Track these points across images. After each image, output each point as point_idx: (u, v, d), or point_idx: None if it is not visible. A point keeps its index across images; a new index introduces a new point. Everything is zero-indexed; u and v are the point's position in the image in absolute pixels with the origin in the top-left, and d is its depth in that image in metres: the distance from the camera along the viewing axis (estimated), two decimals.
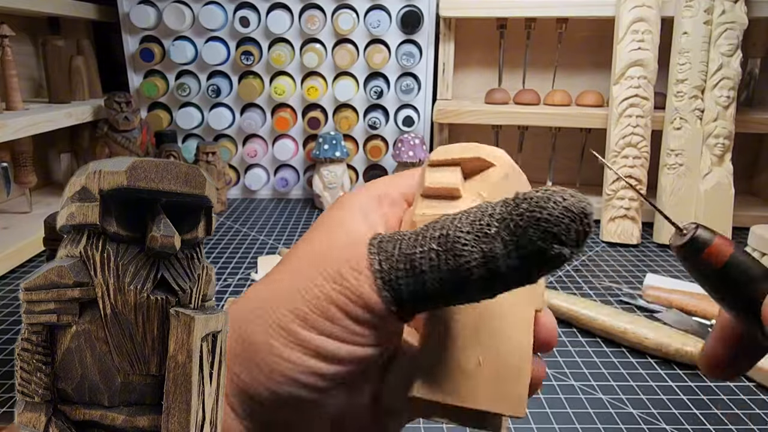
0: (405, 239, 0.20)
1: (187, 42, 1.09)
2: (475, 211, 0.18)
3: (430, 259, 0.18)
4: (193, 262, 0.17)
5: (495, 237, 0.17)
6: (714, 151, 0.89)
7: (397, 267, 0.19)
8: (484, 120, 1.05)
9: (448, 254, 0.18)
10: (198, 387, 0.16)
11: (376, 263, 0.20)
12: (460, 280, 0.18)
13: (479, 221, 0.18)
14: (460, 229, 0.18)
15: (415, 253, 0.19)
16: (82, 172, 0.16)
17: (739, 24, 0.88)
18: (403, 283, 0.19)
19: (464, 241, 0.18)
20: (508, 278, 0.18)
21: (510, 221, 0.17)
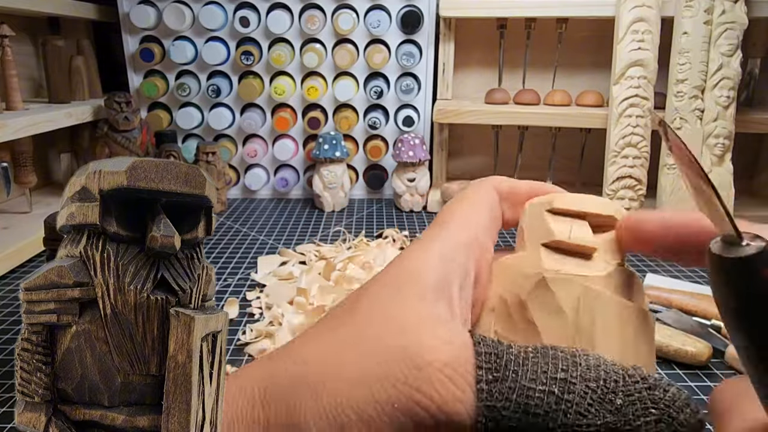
0: (516, 361, 0.17)
1: (187, 42, 1.09)
2: (596, 366, 0.16)
3: (548, 405, 0.16)
4: (193, 262, 0.17)
5: (620, 410, 0.16)
6: (714, 151, 0.89)
7: (507, 397, 0.16)
8: (484, 120, 1.05)
9: (569, 408, 0.16)
10: (198, 387, 0.16)
11: (484, 382, 0.16)
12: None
13: (605, 384, 0.16)
14: (587, 384, 0.16)
15: (534, 389, 0.16)
16: (82, 172, 0.16)
17: (739, 24, 0.88)
18: (507, 416, 0.16)
19: (590, 400, 0.16)
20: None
21: (639, 401, 0.16)
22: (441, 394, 0.16)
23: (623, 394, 0.16)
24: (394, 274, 0.20)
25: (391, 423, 0.16)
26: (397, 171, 1.11)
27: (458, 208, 0.23)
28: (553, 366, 0.16)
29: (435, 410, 0.16)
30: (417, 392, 0.16)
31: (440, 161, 1.15)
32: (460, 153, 1.22)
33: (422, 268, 0.20)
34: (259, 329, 0.61)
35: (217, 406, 0.17)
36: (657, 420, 0.16)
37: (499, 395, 0.16)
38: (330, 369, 0.18)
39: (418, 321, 0.18)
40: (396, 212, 1.09)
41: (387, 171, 1.18)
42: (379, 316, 0.19)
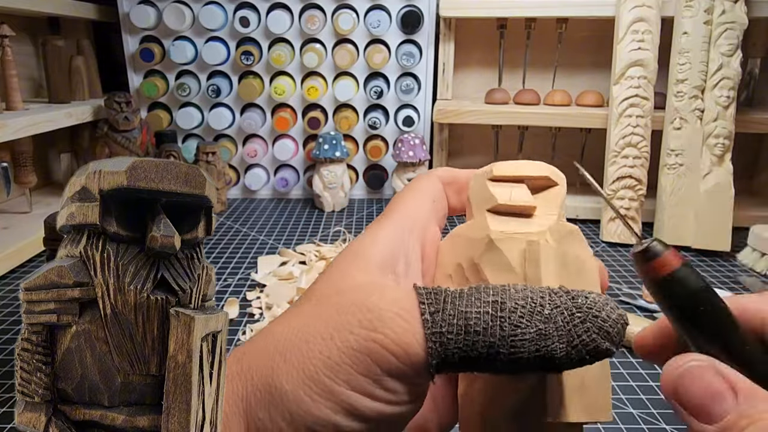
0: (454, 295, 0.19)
1: (187, 42, 1.09)
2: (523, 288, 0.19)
3: (485, 322, 0.18)
4: (193, 262, 0.17)
5: (549, 318, 0.18)
6: (714, 151, 0.89)
7: (449, 322, 0.18)
8: (484, 120, 1.05)
9: (504, 322, 0.18)
10: (198, 387, 0.16)
11: (428, 313, 0.19)
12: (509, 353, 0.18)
13: (532, 299, 0.19)
14: (516, 301, 0.18)
15: (471, 312, 0.18)
16: (82, 172, 0.16)
17: (739, 24, 0.88)
18: (452, 339, 0.18)
19: (520, 313, 0.18)
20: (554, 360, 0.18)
21: (566, 308, 0.18)
22: (393, 329, 0.18)
23: (550, 305, 0.18)
24: (344, 257, 0.22)
25: (355, 365, 0.18)
26: (397, 171, 1.11)
27: (402, 198, 0.25)
28: (485, 293, 0.19)
29: (391, 345, 0.18)
30: (373, 332, 0.18)
31: (440, 161, 1.15)
32: (460, 153, 1.22)
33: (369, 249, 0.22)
34: (259, 329, 0.61)
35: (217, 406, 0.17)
36: (582, 320, 0.18)
37: (442, 322, 0.18)
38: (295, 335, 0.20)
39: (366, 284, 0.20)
40: None
41: (387, 171, 1.18)
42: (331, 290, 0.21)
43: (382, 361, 0.18)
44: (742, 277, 0.78)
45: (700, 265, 0.84)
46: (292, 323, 0.21)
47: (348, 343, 0.19)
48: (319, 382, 0.19)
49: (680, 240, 0.91)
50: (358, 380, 0.19)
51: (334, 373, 0.19)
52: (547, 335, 0.18)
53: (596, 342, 0.18)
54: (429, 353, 0.18)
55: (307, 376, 0.19)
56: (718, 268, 0.83)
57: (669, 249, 0.21)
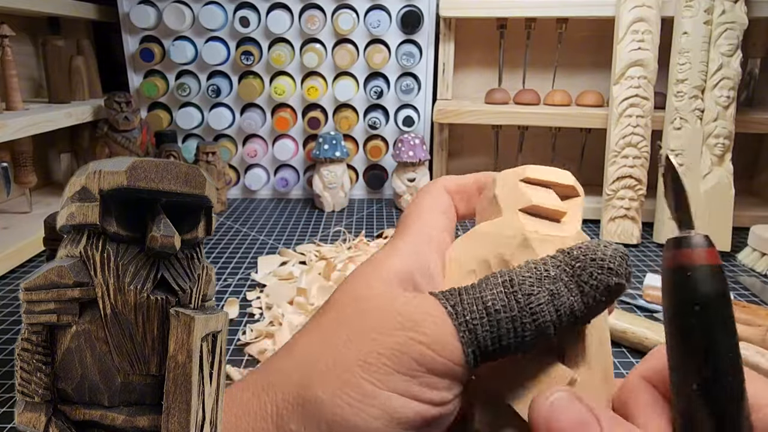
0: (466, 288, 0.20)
1: (187, 42, 1.09)
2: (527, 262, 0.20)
3: (501, 300, 0.19)
4: (193, 262, 0.17)
5: (556, 278, 0.19)
6: (714, 151, 0.89)
7: (470, 309, 0.19)
8: (484, 120, 1.05)
9: (517, 294, 0.19)
10: (198, 387, 0.16)
11: (448, 305, 0.19)
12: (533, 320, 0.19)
13: (536, 268, 0.20)
14: (521, 274, 0.19)
15: (485, 294, 0.19)
16: (82, 172, 0.16)
17: (739, 24, 0.88)
18: (478, 324, 0.19)
19: (529, 282, 0.19)
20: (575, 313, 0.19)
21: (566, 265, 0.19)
22: (429, 327, 0.19)
23: (553, 267, 0.19)
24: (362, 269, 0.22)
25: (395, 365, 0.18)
26: (397, 171, 1.11)
27: (414, 211, 0.25)
28: (493, 278, 0.20)
29: (428, 341, 0.19)
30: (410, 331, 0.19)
31: (440, 161, 1.15)
32: (460, 153, 1.22)
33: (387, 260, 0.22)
34: (259, 329, 0.61)
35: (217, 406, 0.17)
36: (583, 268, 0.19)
37: (464, 311, 0.19)
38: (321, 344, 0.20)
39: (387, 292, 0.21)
40: (396, 212, 1.09)
41: (387, 171, 1.18)
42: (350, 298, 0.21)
43: (422, 359, 0.18)
44: (742, 277, 0.78)
45: None
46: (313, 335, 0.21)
47: (386, 345, 0.18)
48: (357, 386, 0.18)
49: None
50: (398, 381, 0.18)
51: (372, 376, 0.18)
52: (559, 293, 0.19)
53: (604, 281, 0.19)
54: (462, 342, 0.19)
55: (343, 381, 0.18)
56: None
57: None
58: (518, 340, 0.19)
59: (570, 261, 0.19)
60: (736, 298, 0.71)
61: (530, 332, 0.19)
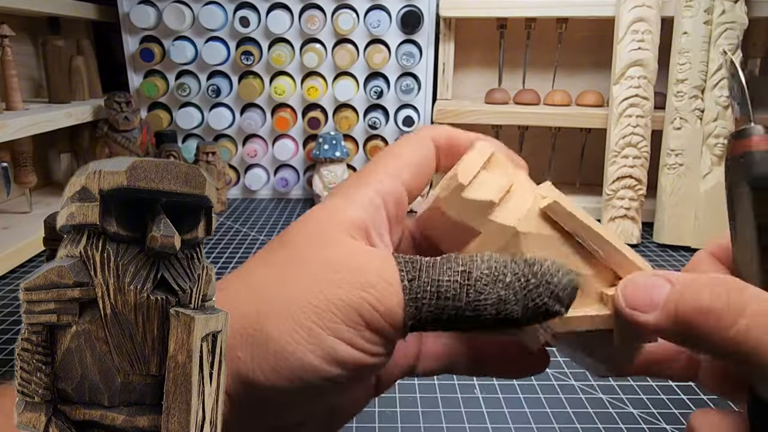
0: (428, 265, 0.21)
1: (187, 42, 1.09)
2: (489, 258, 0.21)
3: (454, 289, 0.21)
4: (193, 262, 0.17)
5: (509, 285, 0.20)
6: (714, 151, 0.89)
7: (425, 288, 0.21)
8: (484, 120, 1.05)
9: (470, 289, 0.20)
10: (198, 387, 0.16)
11: (406, 281, 0.21)
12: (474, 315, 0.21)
13: (495, 269, 0.21)
14: (480, 270, 0.21)
15: (443, 280, 0.21)
16: (82, 172, 0.16)
17: (739, 24, 0.88)
18: (426, 304, 0.21)
19: (485, 281, 0.21)
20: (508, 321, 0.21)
21: (523, 276, 0.20)
22: (380, 292, 0.20)
23: (510, 273, 0.21)
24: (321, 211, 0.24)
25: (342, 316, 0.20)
26: None
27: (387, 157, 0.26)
28: (455, 263, 0.21)
29: (377, 304, 0.20)
30: (362, 291, 0.20)
31: None
32: None
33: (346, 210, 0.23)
34: None
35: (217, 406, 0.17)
36: (536, 286, 0.20)
37: (419, 289, 0.21)
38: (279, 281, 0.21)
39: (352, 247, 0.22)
40: None
41: None
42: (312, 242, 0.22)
43: (367, 316, 0.20)
44: None
45: None
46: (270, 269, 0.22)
47: (338, 296, 0.20)
48: (307, 327, 0.20)
49: (680, 240, 0.91)
50: (343, 330, 0.20)
51: (322, 321, 0.20)
52: (506, 300, 0.20)
53: (547, 305, 0.20)
54: (406, 314, 0.21)
55: (294, 321, 0.20)
56: None
57: (763, 135, 0.22)
58: (452, 326, 0.21)
59: (528, 274, 0.21)
60: None
61: (469, 322, 0.21)
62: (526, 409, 0.51)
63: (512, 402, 0.52)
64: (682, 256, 0.88)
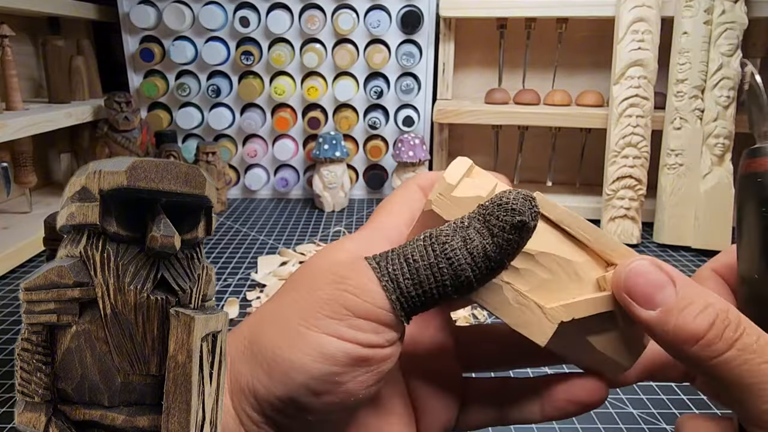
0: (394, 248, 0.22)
1: (187, 42, 1.09)
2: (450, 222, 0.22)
3: (419, 251, 0.21)
4: (193, 262, 0.17)
5: (469, 226, 0.21)
6: (714, 151, 0.89)
7: (392, 261, 0.22)
8: (484, 120, 1.05)
9: (434, 245, 0.21)
10: (198, 387, 0.16)
11: (373, 261, 0.22)
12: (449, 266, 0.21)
13: (454, 222, 0.22)
14: (441, 229, 0.22)
15: (407, 249, 0.22)
16: (82, 172, 0.16)
17: (739, 24, 0.88)
18: (399, 274, 0.21)
19: (445, 233, 0.21)
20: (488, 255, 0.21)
21: (478, 214, 0.21)
22: (354, 278, 0.21)
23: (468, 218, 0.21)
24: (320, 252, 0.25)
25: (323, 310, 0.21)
26: (397, 171, 1.11)
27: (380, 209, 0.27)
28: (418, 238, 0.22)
29: (354, 290, 0.21)
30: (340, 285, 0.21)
31: (440, 161, 1.15)
32: (460, 153, 1.21)
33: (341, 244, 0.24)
34: None
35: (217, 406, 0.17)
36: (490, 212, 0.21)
37: (388, 264, 0.22)
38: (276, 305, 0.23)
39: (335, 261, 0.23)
40: None
41: (387, 171, 1.18)
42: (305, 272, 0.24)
43: (350, 305, 0.21)
44: None
45: (700, 265, 0.83)
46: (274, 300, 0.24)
47: (317, 294, 0.21)
48: (293, 329, 0.21)
49: (680, 240, 0.91)
50: (328, 323, 0.21)
51: (305, 320, 0.21)
52: (470, 238, 0.21)
53: (508, 220, 0.20)
54: (386, 289, 0.21)
55: (281, 327, 0.21)
56: None
57: None
58: (439, 286, 0.21)
59: (481, 210, 0.21)
60: None
61: (448, 276, 0.21)
62: None
63: None
64: (682, 256, 0.88)
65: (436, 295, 0.21)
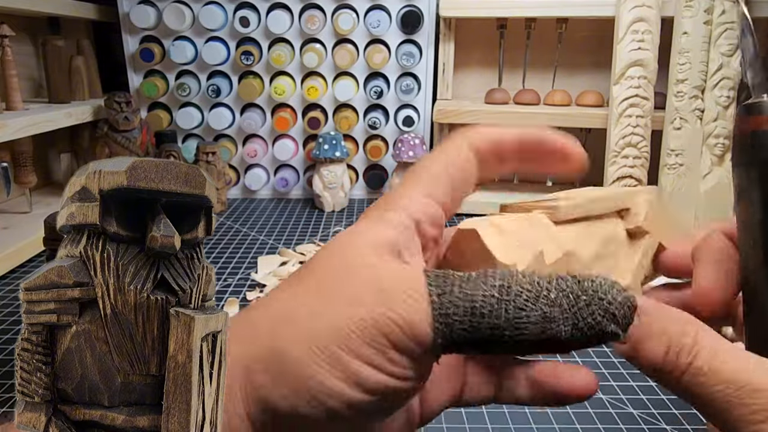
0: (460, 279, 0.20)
1: (187, 42, 1.09)
2: (530, 275, 0.19)
3: (490, 305, 0.19)
4: (193, 262, 0.17)
5: (555, 302, 0.19)
6: (714, 151, 0.89)
7: (456, 304, 0.19)
8: (484, 120, 1.05)
9: (509, 305, 0.19)
10: (198, 387, 0.16)
11: (435, 295, 0.19)
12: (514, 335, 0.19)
13: (538, 284, 0.19)
14: (521, 285, 0.19)
15: (477, 295, 0.19)
16: (82, 172, 0.16)
17: (739, 24, 0.88)
18: (458, 320, 0.19)
19: (526, 297, 0.19)
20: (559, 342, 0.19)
21: (571, 292, 0.19)
22: (404, 308, 0.19)
23: (556, 290, 0.19)
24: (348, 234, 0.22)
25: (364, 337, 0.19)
26: (397, 171, 1.11)
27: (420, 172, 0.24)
28: (492, 278, 0.19)
29: (400, 321, 0.19)
30: (384, 308, 0.19)
31: None
32: None
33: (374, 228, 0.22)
34: None
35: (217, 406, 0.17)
36: (587, 304, 0.19)
37: (449, 304, 0.19)
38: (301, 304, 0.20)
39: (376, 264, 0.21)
40: None
41: (387, 171, 1.18)
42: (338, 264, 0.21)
43: (391, 336, 0.19)
44: None
45: None
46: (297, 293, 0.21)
47: (359, 316, 0.19)
48: (328, 350, 0.19)
49: None
50: (366, 352, 0.19)
51: (343, 343, 0.19)
52: (552, 318, 0.18)
53: (601, 325, 0.18)
54: (435, 332, 0.19)
55: (315, 344, 0.19)
56: None
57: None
58: (489, 347, 0.19)
59: (577, 290, 0.19)
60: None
61: (506, 345, 0.19)
62: (526, 409, 0.51)
63: None
64: None
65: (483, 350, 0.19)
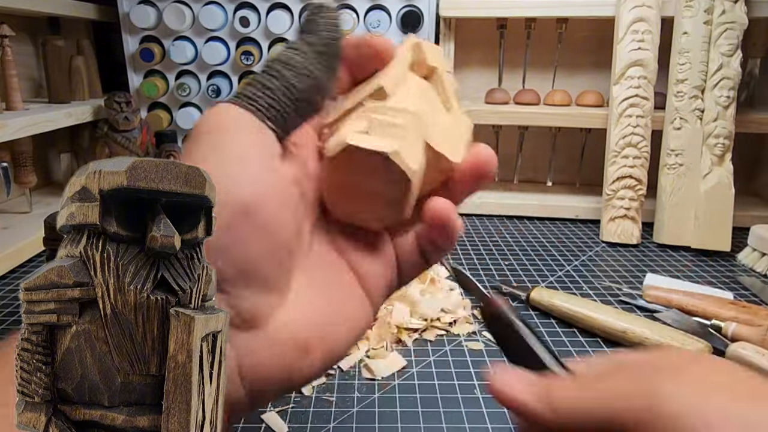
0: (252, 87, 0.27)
1: (187, 42, 1.09)
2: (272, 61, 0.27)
3: (264, 71, 0.27)
4: (193, 262, 0.17)
5: (297, 41, 0.27)
6: (714, 151, 0.89)
7: (247, 88, 0.26)
8: (484, 120, 1.05)
9: (274, 63, 0.26)
10: (198, 387, 0.16)
11: (233, 97, 0.26)
12: (294, 75, 0.26)
13: (285, 55, 0.27)
14: (278, 59, 0.27)
15: (255, 74, 0.27)
16: (82, 172, 0.16)
17: (739, 24, 0.88)
18: (257, 94, 0.26)
19: (280, 51, 0.27)
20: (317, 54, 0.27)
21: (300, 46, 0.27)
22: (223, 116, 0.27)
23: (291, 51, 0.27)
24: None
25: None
26: None
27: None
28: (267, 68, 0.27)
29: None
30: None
31: None
32: None
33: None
34: None
35: (217, 406, 0.17)
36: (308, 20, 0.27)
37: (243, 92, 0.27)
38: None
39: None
40: None
41: None
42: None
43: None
44: (742, 277, 0.78)
45: (700, 265, 0.84)
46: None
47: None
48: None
49: (680, 240, 0.91)
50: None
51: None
52: (298, 47, 0.27)
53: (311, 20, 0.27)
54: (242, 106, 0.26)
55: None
56: (718, 268, 0.83)
57: (497, 299, 0.30)
58: (295, 92, 0.26)
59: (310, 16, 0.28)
60: (736, 297, 0.71)
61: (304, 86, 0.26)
62: None
63: None
64: (682, 256, 0.88)
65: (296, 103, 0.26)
